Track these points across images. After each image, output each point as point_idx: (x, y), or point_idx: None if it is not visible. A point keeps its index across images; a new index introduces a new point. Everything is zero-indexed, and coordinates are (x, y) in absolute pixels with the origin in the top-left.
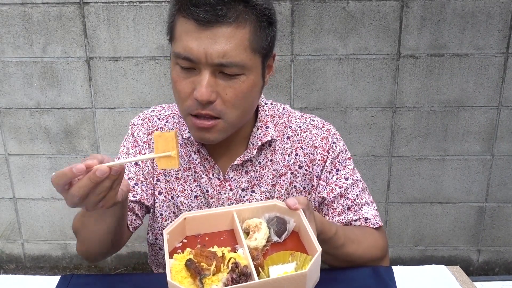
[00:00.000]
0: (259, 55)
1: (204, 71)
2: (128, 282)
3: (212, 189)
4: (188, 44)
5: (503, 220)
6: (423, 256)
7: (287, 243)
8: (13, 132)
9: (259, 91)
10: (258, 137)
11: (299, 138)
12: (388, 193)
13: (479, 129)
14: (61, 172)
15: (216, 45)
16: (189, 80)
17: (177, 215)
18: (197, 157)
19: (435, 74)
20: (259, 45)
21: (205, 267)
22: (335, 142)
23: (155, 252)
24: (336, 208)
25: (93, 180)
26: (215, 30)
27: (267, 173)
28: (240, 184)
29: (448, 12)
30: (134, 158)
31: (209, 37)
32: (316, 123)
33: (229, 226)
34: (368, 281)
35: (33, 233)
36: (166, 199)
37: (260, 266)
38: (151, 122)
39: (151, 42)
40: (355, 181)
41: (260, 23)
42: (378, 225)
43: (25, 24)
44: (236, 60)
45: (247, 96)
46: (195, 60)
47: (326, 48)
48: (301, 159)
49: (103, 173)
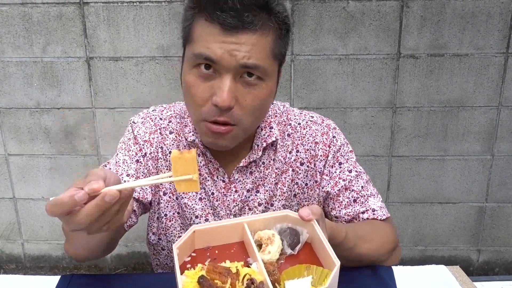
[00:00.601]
0: (277, 62)
1: (226, 75)
2: (128, 282)
3: (217, 191)
4: (211, 45)
5: (503, 220)
6: (423, 256)
7: (300, 255)
8: (13, 132)
9: (273, 98)
10: (262, 138)
11: (299, 135)
12: (388, 193)
13: (479, 129)
14: (59, 200)
15: (241, 48)
16: (207, 85)
17: (181, 216)
18: (202, 159)
19: (435, 74)
20: (278, 52)
21: (219, 285)
22: (335, 136)
23: (157, 252)
24: (342, 201)
25: (102, 207)
26: (241, 36)
27: (271, 172)
28: (245, 186)
29: (448, 12)
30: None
31: (234, 42)
32: (316, 119)
33: (239, 238)
34: (368, 281)
35: (33, 233)
36: (171, 199)
37: (277, 282)
38: (153, 121)
39: (151, 42)
40: (359, 173)
41: (281, 31)
42: (386, 216)
43: (25, 24)
44: (259, 63)
45: (264, 103)
46: (218, 61)
47: (326, 48)
48: (302, 155)
49: (113, 198)
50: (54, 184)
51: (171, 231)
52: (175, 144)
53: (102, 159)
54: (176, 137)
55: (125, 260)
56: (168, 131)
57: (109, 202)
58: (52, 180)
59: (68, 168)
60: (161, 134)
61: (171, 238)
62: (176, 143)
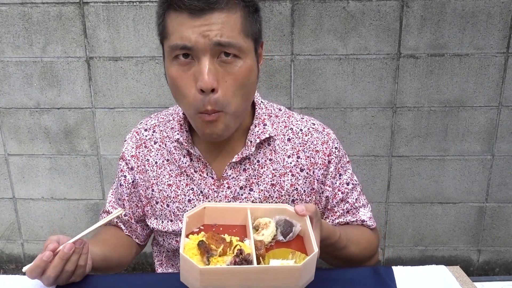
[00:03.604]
0: (251, 39)
1: (203, 58)
2: (128, 282)
3: (207, 188)
4: (184, 33)
5: (503, 220)
6: (423, 256)
7: (291, 244)
8: (13, 132)
9: (256, 77)
10: (256, 135)
11: (300, 141)
12: (388, 193)
13: (479, 129)
14: (34, 265)
15: (212, 27)
16: (189, 73)
17: (174, 223)
18: (187, 159)
19: (435, 74)
20: (250, 30)
21: (213, 249)
22: (336, 147)
23: (161, 252)
24: (337, 212)
25: (63, 257)
26: (209, 17)
27: (266, 172)
28: (238, 182)
29: (448, 12)
30: (94, 227)
31: (204, 24)
32: (317, 127)
33: (243, 222)
34: (368, 281)
35: (33, 233)
36: (163, 207)
37: (262, 256)
38: (138, 135)
39: (151, 42)
40: (354, 185)
41: (248, 8)
42: (373, 226)
43: (25, 24)
44: (232, 41)
45: (245, 81)
46: (193, 47)
47: (326, 48)
48: (302, 162)
49: (70, 248)
50: (54, 184)
51: (168, 235)
52: (159, 153)
53: (101, 159)
54: (160, 146)
55: None
56: (153, 141)
57: (67, 252)
58: (52, 180)
59: (68, 168)
60: (146, 147)
61: (170, 241)
62: (160, 152)
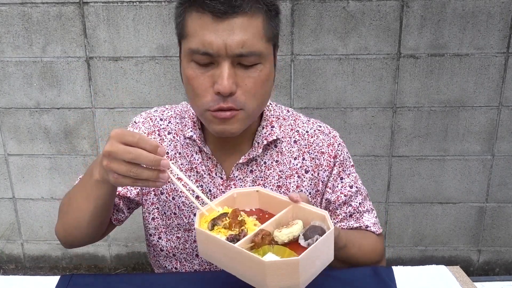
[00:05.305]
0: (271, 43)
1: (223, 63)
2: (128, 282)
3: (215, 188)
4: (206, 38)
5: (503, 220)
6: (423, 256)
7: None
8: (13, 132)
9: (273, 80)
10: (263, 136)
11: (306, 142)
12: (388, 193)
13: (479, 129)
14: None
15: (234, 36)
16: (207, 75)
17: (178, 216)
18: (199, 157)
19: (435, 74)
20: (271, 34)
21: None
22: (341, 149)
23: (156, 253)
24: (339, 214)
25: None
26: (232, 21)
27: (273, 173)
28: (245, 184)
29: (448, 12)
30: None
31: (227, 29)
32: (323, 129)
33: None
34: (368, 281)
35: (32, 233)
36: (168, 199)
37: (257, 245)
38: (152, 122)
39: (151, 42)
40: (359, 189)
41: (270, 12)
42: (378, 232)
43: (25, 24)
44: (254, 49)
45: (265, 85)
46: (215, 54)
47: (326, 48)
48: (307, 163)
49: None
50: (53, 184)
51: (169, 230)
52: (172, 144)
53: None
54: (174, 137)
55: (125, 260)
56: (167, 131)
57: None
58: (52, 180)
59: (68, 168)
60: (159, 136)
61: (170, 237)
62: (174, 143)
